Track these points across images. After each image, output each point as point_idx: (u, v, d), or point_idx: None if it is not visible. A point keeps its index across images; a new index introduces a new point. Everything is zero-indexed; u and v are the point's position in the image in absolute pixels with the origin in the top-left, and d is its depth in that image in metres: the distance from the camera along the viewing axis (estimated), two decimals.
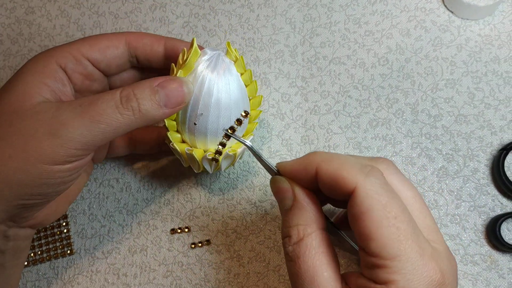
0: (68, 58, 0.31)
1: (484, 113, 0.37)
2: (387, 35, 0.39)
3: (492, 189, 0.36)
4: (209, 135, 0.32)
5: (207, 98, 0.30)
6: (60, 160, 0.27)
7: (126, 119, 0.28)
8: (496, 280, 0.34)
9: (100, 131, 0.27)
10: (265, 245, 0.37)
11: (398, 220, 0.23)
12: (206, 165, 0.33)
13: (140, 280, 0.37)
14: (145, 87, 0.28)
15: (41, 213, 0.31)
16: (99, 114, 0.27)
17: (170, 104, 0.29)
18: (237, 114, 0.32)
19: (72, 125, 0.27)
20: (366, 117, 0.38)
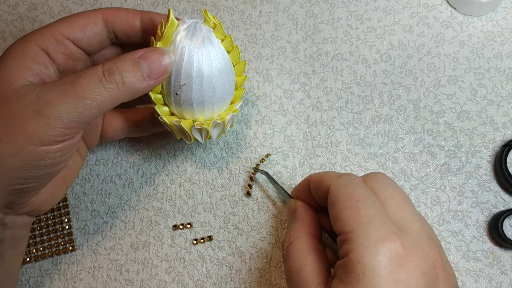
0: (48, 40, 0.31)
1: (486, 110, 0.37)
2: (390, 31, 0.39)
3: (494, 186, 0.36)
4: (195, 105, 0.32)
5: (188, 67, 0.30)
6: (49, 140, 0.27)
7: (111, 93, 0.28)
8: (499, 276, 0.34)
9: (85, 107, 0.27)
10: (267, 241, 0.37)
11: (360, 202, 0.26)
12: (196, 135, 0.33)
13: (143, 276, 0.38)
14: (126, 60, 0.28)
15: (37, 199, 0.31)
16: (83, 89, 0.27)
17: (153, 75, 0.29)
18: (221, 83, 0.32)
19: (57, 104, 0.27)
20: (369, 113, 0.38)
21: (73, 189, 0.40)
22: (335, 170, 0.37)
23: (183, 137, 0.34)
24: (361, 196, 0.26)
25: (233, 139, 0.39)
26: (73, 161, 0.34)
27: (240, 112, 0.39)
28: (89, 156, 0.40)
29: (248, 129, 0.39)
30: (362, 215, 0.25)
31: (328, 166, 0.38)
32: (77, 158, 0.35)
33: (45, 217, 0.39)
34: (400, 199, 0.28)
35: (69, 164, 0.34)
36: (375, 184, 0.28)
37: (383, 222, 0.25)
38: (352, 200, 0.26)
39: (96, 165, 0.40)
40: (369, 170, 0.37)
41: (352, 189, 0.27)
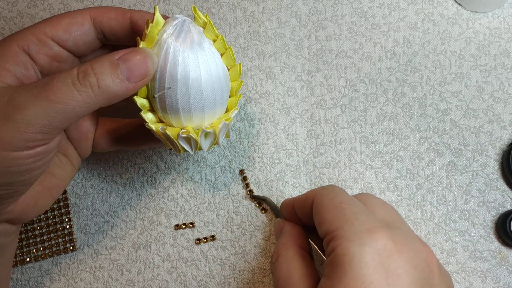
0: (30, 40, 0.29)
1: (493, 107, 0.37)
2: (394, 28, 0.39)
3: (501, 184, 0.35)
4: (181, 112, 0.29)
5: (173, 70, 0.28)
6: (19, 145, 0.25)
7: (84, 97, 0.25)
8: (506, 276, 0.34)
9: (57, 111, 0.25)
10: (271, 241, 0.36)
11: (343, 203, 0.26)
12: (185, 145, 0.31)
13: (144, 276, 0.37)
14: (104, 61, 0.26)
15: (17, 207, 0.30)
16: (54, 92, 0.25)
17: (133, 78, 0.27)
18: (210, 87, 0.29)
19: (27, 107, 0.25)
20: (373, 111, 0.38)
21: (73, 188, 0.39)
22: (340, 168, 0.37)
23: (172, 146, 0.31)
24: (344, 199, 0.26)
25: (236, 138, 0.38)
26: (62, 169, 0.33)
27: (243, 110, 0.39)
28: (90, 155, 0.39)
29: (251, 128, 0.38)
30: (347, 213, 0.25)
31: (332, 164, 0.37)
32: (67, 167, 0.33)
33: (45, 216, 0.38)
34: (389, 207, 0.28)
35: (57, 173, 0.32)
36: (361, 196, 0.29)
37: (368, 218, 0.25)
38: (335, 203, 0.26)
39: (97, 164, 0.39)
40: (374, 169, 0.37)
41: (335, 195, 0.27)
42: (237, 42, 0.40)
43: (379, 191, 0.36)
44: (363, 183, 0.37)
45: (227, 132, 0.32)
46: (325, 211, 0.26)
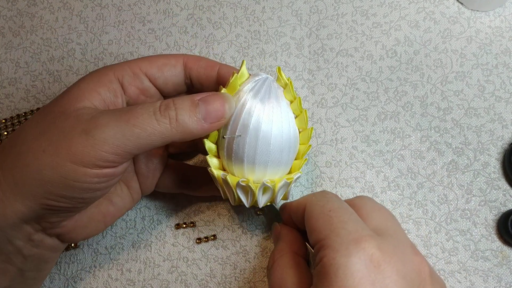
0: (126, 71, 0.31)
1: (494, 106, 0.37)
2: (396, 27, 0.39)
3: (503, 184, 0.35)
4: (246, 162, 0.30)
5: (246, 119, 0.29)
6: (90, 161, 0.26)
7: (162, 127, 0.27)
8: (508, 276, 0.34)
9: (133, 135, 0.26)
10: (272, 241, 0.36)
11: (332, 211, 0.26)
12: (241, 195, 0.31)
13: (145, 276, 0.37)
14: (185, 99, 0.28)
15: (69, 223, 0.30)
16: (135, 117, 0.27)
17: (209, 119, 0.28)
18: (279, 144, 0.29)
19: (106, 126, 0.26)
20: (374, 110, 0.38)
21: None
22: (341, 167, 0.37)
23: (228, 195, 0.32)
24: (333, 207, 0.27)
25: None
26: (121, 199, 0.33)
27: None
28: None
29: None
30: (334, 222, 0.25)
31: (333, 163, 0.37)
32: (126, 198, 0.34)
33: None
34: (384, 212, 0.28)
35: (115, 201, 0.33)
36: (357, 201, 0.29)
37: (357, 226, 0.25)
38: (324, 211, 0.27)
39: None
40: (375, 168, 0.37)
41: (325, 202, 0.27)
42: (238, 41, 0.40)
43: (380, 190, 0.36)
44: (364, 182, 0.36)
45: (286, 193, 0.32)
46: (314, 219, 0.27)
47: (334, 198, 0.28)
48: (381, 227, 0.27)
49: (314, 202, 0.28)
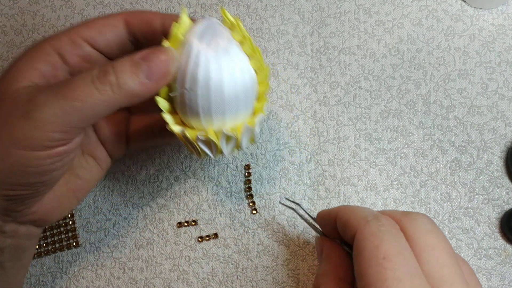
0: (63, 41, 0.29)
1: (497, 104, 0.36)
2: (398, 25, 0.39)
3: (506, 182, 0.35)
4: (202, 114, 0.28)
5: (194, 71, 0.27)
6: (37, 145, 0.25)
7: (104, 95, 0.25)
8: (511, 274, 0.34)
9: (75, 109, 0.25)
10: (274, 239, 0.36)
11: (387, 260, 0.22)
12: (205, 148, 0.30)
13: (147, 274, 0.37)
14: (125, 60, 0.26)
15: (40, 208, 0.29)
16: (73, 90, 0.25)
17: (153, 77, 0.26)
18: (233, 90, 0.28)
19: (45, 105, 0.25)
20: (377, 108, 0.37)
21: None
22: (343, 166, 0.37)
23: (193, 150, 0.31)
24: (389, 251, 0.23)
25: None
26: (88, 171, 0.32)
27: None
28: None
29: None
30: (388, 278, 0.22)
31: (335, 162, 0.37)
32: (93, 169, 0.32)
33: None
34: (441, 252, 0.24)
35: (82, 174, 0.32)
36: (413, 229, 0.25)
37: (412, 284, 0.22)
38: (378, 256, 0.22)
39: None
40: (378, 166, 0.36)
41: (380, 241, 0.23)
42: None
43: (383, 188, 0.36)
44: (367, 180, 0.36)
45: (252, 137, 0.31)
46: (364, 264, 0.23)
47: (391, 234, 0.24)
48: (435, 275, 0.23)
49: (366, 237, 0.24)
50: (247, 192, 0.37)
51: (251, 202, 0.37)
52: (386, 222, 0.24)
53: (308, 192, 0.37)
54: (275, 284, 0.35)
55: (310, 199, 0.37)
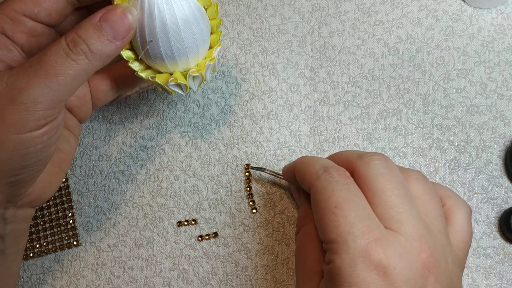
0: (3, 20, 0.28)
1: (497, 104, 0.37)
2: (398, 24, 0.39)
3: (505, 181, 0.35)
4: (166, 60, 0.31)
5: (150, 22, 0.29)
6: (31, 125, 0.26)
7: (82, 64, 0.26)
8: (510, 273, 0.34)
9: (60, 84, 0.26)
10: (274, 238, 0.36)
11: (338, 208, 0.25)
12: (175, 89, 0.32)
13: (147, 273, 0.37)
14: (87, 26, 0.27)
15: (35, 188, 0.30)
16: (53, 67, 0.26)
17: (119, 35, 0.27)
18: (189, 33, 0.30)
19: (30, 87, 0.25)
20: (377, 107, 0.38)
21: (75, 185, 0.39)
22: None
23: (164, 90, 0.33)
24: (339, 200, 0.25)
25: (238, 134, 0.38)
26: (66, 142, 0.33)
27: (246, 107, 0.38)
28: (92, 152, 0.39)
29: (253, 124, 0.38)
30: (341, 224, 0.24)
31: None
32: (70, 139, 0.33)
33: (48, 211, 0.38)
34: (390, 194, 0.26)
35: (62, 147, 0.32)
36: (365, 174, 0.26)
37: (363, 229, 0.24)
38: (330, 206, 0.25)
39: (99, 161, 0.39)
40: None
41: (331, 192, 0.26)
42: (240, 39, 0.40)
43: None
44: None
45: (214, 67, 0.34)
46: (320, 214, 0.26)
47: (340, 184, 0.26)
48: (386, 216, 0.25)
49: (319, 190, 0.26)
50: (247, 192, 0.37)
51: (251, 201, 0.37)
52: (336, 173, 0.27)
53: None
54: (275, 283, 0.36)
55: None
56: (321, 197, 0.26)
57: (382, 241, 0.24)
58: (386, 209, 0.25)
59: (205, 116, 0.39)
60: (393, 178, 0.26)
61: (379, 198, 0.26)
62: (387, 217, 0.25)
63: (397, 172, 0.27)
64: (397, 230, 0.25)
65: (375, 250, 0.24)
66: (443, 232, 0.26)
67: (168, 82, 0.31)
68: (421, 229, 0.25)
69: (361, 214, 0.25)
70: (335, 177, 0.26)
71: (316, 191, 0.27)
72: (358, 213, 0.25)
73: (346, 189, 0.26)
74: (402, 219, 0.25)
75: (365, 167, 0.27)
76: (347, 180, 0.26)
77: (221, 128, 0.38)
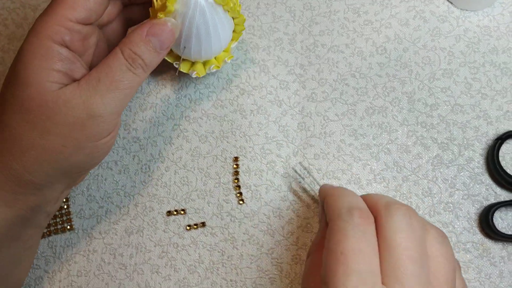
0: (62, 32, 0.29)
1: (480, 103, 0.37)
2: (386, 24, 0.40)
3: (486, 178, 0.36)
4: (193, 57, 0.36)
5: (188, 32, 0.33)
6: (105, 134, 0.31)
7: (141, 76, 0.31)
8: (488, 267, 0.35)
9: (127, 95, 0.30)
10: (259, 229, 0.37)
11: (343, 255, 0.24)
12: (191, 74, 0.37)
13: (136, 260, 0.38)
14: (138, 42, 0.30)
15: None
16: (121, 82, 0.30)
17: (164, 46, 0.31)
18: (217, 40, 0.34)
19: (106, 102, 0.29)
20: (363, 105, 0.38)
21: None
22: (328, 160, 0.38)
23: None
24: (347, 248, 0.24)
25: (228, 128, 0.39)
26: None
27: (236, 101, 0.40)
28: None
29: (243, 119, 0.39)
30: (338, 272, 0.24)
31: (321, 156, 0.38)
32: None
33: None
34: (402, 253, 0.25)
35: None
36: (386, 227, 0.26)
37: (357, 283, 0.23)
38: (337, 251, 0.25)
39: None
40: (362, 161, 0.37)
41: (343, 237, 0.25)
42: None
43: (366, 182, 0.37)
44: (350, 174, 0.37)
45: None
46: (326, 252, 0.25)
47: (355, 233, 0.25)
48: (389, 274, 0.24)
49: (333, 230, 0.26)
50: (235, 183, 0.38)
51: (239, 193, 0.38)
52: (357, 217, 0.25)
53: (294, 185, 0.38)
54: (259, 272, 0.37)
55: (295, 192, 0.38)
56: (333, 238, 0.25)
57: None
58: (392, 267, 0.25)
59: (197, 110, 0.40)
60: (411, 236, 0.25)
61: (390, 254, 0.25)
62: (390, 275, 0.24)
63: (417, 230, 0.26)
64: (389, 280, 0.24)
65: None
66: None
67: (190, 72, 0.37)
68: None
69: (363, 268, 0.24)
70: (355, 221, 0.25)
71: (331, 228, 0.26)
72: (360, 267, 0.24)
73: (359, 237, 0.25)
74: (404, 281, 0.24)
75: (388, 218, 0.26)
76: (366, 227, 0.25)
77: (212, 122, 0.40)
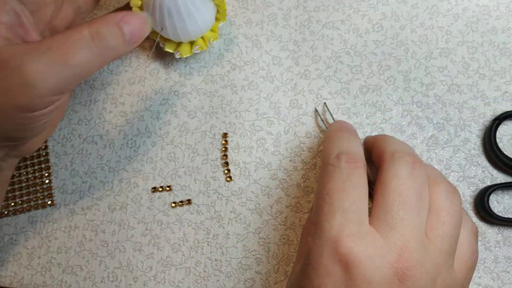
0: None
1: (478, 84, 0.36)
2: (383, 1, 0.38)
3: (482, 160, 0.35)
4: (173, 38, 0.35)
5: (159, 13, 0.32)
6: (40, 107, 0.27)
7: (98, 58, 0.27)
8: (483, 252, 0.33)
9: (75, 75, 0.27)
10: (247, 207, 0.36)
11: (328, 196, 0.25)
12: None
13: (118, 237, 0.37)
14: (111, 24, 0.28)
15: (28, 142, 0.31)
16: (72, 57, 0.26)
17: (134, 40, 0.29)
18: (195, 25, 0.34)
19: (45, 73, 0.25)
20: (357, 83, 0.37)
21: (54, 148, 0.39)
22: (320, 138, 0.37)
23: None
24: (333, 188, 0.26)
25: (218, 104, 0.38)
26: None
27: (227, 77, 0.38)
28: (72, 115, 0.39)
29: (234, 94, 0.38)
30: (324, 211, 0.25)
31: (313, 134, 0.37)
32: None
33: (25, 171, 0.38)
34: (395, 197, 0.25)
35: None
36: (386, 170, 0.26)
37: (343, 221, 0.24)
38: (323, 191, 0.26)
39: (79, 125, 0.39)
40: None
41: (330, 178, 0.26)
42: None
43: None
44: None
45: None
46: (316, 195, 0.27)
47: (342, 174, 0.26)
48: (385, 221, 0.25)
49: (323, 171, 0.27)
50: (223, 160, 0.37)
51: (227, 169, 0.37)
52: (344, 161, 0.26)
53: (284, 163, 0.37)
54: (245, 252, 0.35)
55: (285, 170, 0.36)
56: (321, 181, 0.27)
57: (356, 237, 0.24)
58: (384, 210, 0.25)
59: (186, 84, 0.39)
60: (409, 184, 0.25)
61: (383, 198, 0.25)
62: (380, 218, 0.25)
63: (418, 180, 0.26)
64: (382, 233, 0.24)
65: (345, 243, 0.24)
66: (444, 252, 0.25)
67: (174, 54, 0.36)
68: (411, 241, 0.24)
69: (349, 206, 0.25)
70: (342, 165, 0.26)
71: (320, 172, 0.27)
72: (345, 205, 0.25)
73: (344, 178, 0.26)
74: (393, 225, 0.24)
75: (389, 165, 0.26)
76: (353, 170, 0.26)
77: (202, 97, 0.38)
